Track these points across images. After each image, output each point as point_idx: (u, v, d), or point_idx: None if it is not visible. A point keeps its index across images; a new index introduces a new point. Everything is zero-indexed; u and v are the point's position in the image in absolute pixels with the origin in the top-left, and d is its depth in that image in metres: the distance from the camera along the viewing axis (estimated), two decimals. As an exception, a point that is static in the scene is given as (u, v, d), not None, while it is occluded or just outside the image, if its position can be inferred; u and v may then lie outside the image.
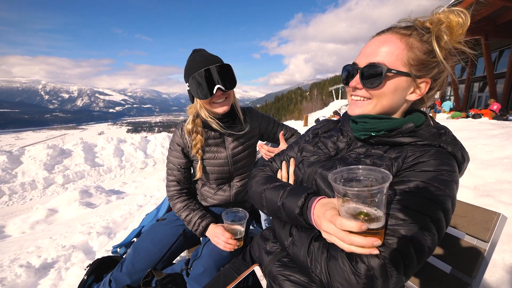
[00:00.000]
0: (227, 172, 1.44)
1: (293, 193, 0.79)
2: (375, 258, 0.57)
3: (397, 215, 0.61)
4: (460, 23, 0.69)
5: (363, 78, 0.75)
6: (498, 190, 2.59)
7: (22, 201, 8.42)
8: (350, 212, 0.56)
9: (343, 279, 0.60)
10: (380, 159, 0.75)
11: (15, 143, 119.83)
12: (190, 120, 1.32)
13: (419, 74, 0.73)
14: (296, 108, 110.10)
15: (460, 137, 0.83)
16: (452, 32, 0.70)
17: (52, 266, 2.45)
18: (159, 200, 4.58)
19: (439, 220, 0.62)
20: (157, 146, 13.67)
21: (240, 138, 1.43)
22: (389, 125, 0.76)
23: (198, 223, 1.36)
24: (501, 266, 1.67)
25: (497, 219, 0.84)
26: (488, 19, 12.74)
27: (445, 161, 0.68)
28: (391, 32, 0.74)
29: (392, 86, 0.74)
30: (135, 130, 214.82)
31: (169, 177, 1.45)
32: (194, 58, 1.26)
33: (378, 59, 0.73)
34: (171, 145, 1.43)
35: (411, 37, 0.72)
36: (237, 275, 0.98)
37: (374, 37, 0.78)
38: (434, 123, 0.81)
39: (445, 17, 0.70)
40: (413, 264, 0.58)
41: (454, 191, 0.66)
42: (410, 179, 0.67)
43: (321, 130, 1.03)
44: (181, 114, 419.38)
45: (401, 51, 0.71)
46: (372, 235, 0.55)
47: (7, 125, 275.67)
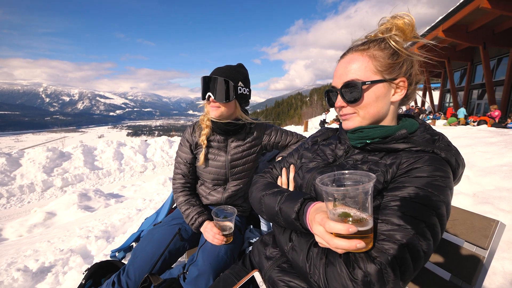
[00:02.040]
0: (223, 175, 1.53)
1: (290, 198, 0.82)
2: (371, 264, 0.58)
3: (392, 221, 0.62)
4: (406, 23, 0.76)
5: (344, 97, 0.81)
6: (497, 197, 2.59)
7: (20, 204, 8.36)
8: (337, 214, 0.58)
9: (340, 285, 0.60)
10: (376, 165, 0.77)
11: (14, 145, 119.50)
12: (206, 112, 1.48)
13: (392, 76, 0.78)
14: (296, 113, 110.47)
15: (458, 144, 0.84)
16: (404, 32, 0.77)
17: (49, 270, 2.42)
18: (159, 204, 4.56)
19: (434, 225, 0.63)
20: (157, 150, 13.65)
21: (242, 146, 1.53)
22: (382, 132, 0.79)
23: (195, 218, 1.44)
24: (501, 274, 1.66)
25: (495, 227, 0.84)
26: (486, 27, 12.91)
27: (439, 167, 0.69)
28: (352, 52, 0.82)
29: (372, 95, 0.78)
30: (135, 134, 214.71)
31: (176, 170, 1.59)
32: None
33: (350, 77, 0.79)
34: (182, 141, 1.58)
35: (371, 49, 0.78)
36: (237, 280, 0.98)
37: (340, 61, 0.85)
38: (429, 130, 0.83)
39: (390, 23, 0.78)
40: (409, 269, 0.59)
41: (448, 196, 0.67)
42: (404, 185, 0.68)
43: (320, 138, 1.06)
44: (181, 118, 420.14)
45: (367, 63, 0.77)
46: (360, 238, 0.56)
47: (7, 127, 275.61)
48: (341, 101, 0.82)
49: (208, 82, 1.33)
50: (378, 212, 0.67)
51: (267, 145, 1.66)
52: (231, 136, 1.50)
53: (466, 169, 3.50)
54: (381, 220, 0.64)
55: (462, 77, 19.48)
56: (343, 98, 0.81)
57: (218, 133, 1.48)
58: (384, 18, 0.80)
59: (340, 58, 0.86)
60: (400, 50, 0.77)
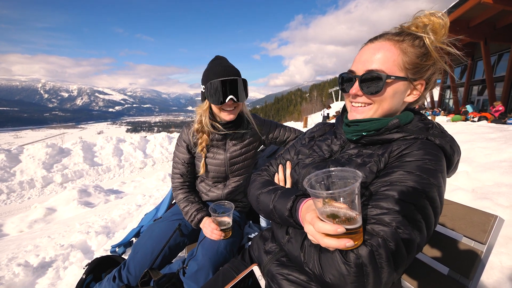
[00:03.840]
0: (223, 172, 1.54)
1: (283, 196, 0.82)
2: (363, 247, 0.58)
3: (381, 205, 0.63)
4: (442, 24, 0.73)
5: (362, 86, 0.77)
6: (496, 193, 2.60)
7: (20, 199, 8.39)
8: (326, 214, 0.58)
9: (334, 269, 0.61)
10: (369, 157, 0.78)
11: (14, 141, 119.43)
12: (197, 120, 1.43)
13: (414, 77, 0.76)
14: (295, 110, 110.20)
15: (458, 140, 0.84)
16: (436, 33, 0.74)
17: (50, 265, 2.44)
18: (158, 200, 4.58)
19: (424, 207, 0.62)
20: (156, 146, 13.66)
21: (240, 143, 1.53)
22: (378, 125, 0.79)
23: (194, 215, 1.46)
24: (499, 269, 1.68)
25: (494, 222, 0.85)
26: (487, 22, 12.80)
27: (429, 151, 0.69)
28: (384, 39, 0.76)
29: (391, 91, 0.76)
30: (135, 130, 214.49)
31: (174, 170, 1.58)
32: (215, 65, 1.35)
33: (375, 66, 0.75)
34: (178, 141, 1.56)
35: (404, 43, 0.74)
36: (236, 274, 0.99)
37: (367, 45, 0.80)
38: (423, 120, 0.82)
39: (428, 20, 0.74)
40: (401, 251, 0.58)
41: (439, 179, 0.66)
42: (394, 170, 0.69)
43: (317, 134, 1.06)
44: (180, 114, 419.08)
45: (396, 57, 0.74)
46: (349, 235, 0.57)
47: (6, 124, 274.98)
48: (358, 89, 0.78)
49: (230, 85, 1.30)
50: (368, 199, 0.67)
51: (265, 141, 1.66)
52: (230, 135, 1.49)
53: (466, 164, 3.51)
54: (371, 206, 0.64)
55: (462, 73, 19.40)
56: (361, 86, 0.77)
57: (217, 132, 1.47)
58: (422, 11, 0.76)
59: (369, 41, 0.80)
60: (432, 52, 0.74)
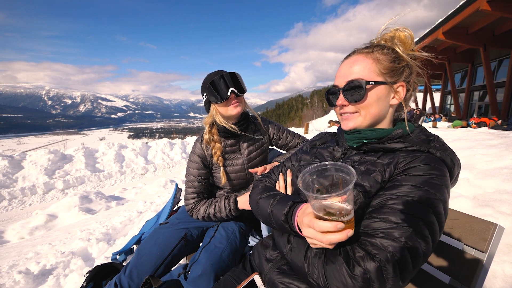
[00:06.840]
0: (244, 177, 1.52)
1: (281, 201, 0.84)
2: (371, 262, 0.59)
3: (390, 219, 0.63)
4: (406, 35, 0.82)
5: (347, 95, 0.83)
6: (497, 200, 2.59)
7: (21, 206, 8.38)
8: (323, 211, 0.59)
9: (340, 282, 0.61)
10: (373, 165, 0.79)
11: (17, 147, 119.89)
12: (207, 131, 1.42)
13: (393, 80, 0.81)
14: (296, 115, 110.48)
15: (458, 146, 0.86)
16: (404, 43, 0.83)
17: (51, 272, 2.43)
18: (159, 206, 4.57)
19: (431, 223, 0.63)
20: (158, 152, 13.68)
21: (254, 143, 1.53)
22: (380, 133, 0.82)
23: (228, 204, 1.41)
24: (501, 277, 1.66)
25: (494, 230, 0.85)
26: (486, 29, 12.90)
27: (435, 166, 0.71)
28: (356, 54, 0.85)
29: (374, 96, 0.80)
30: (136, 136, 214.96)
31: (188, 190, 1.49)
32: (209, 73, 1.41)
33: (354, 76, 0.81)
34: (191, 157, 1.49)
35: (374, 53, 0.82)
36: (237, 283, 0.99)
37: (343, 62, 0.88)
38: (424, 131, 0.86)
39: (393, 34, 0.84)
40: (408, 267, 0.59)
41: (445, 195, 0.68)
42: (401, 184, 0.70)
43: (319, 142, 1.09)
44: (182, 120, 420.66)
45: (371, 65, 0.81)
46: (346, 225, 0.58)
47: (9, 130, 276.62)
48: (344, 100, 0.84)
49: (228, 79, 1.33)
50: (376, 211, 0.68)
51: (272, 140, 1.67)
52: (242, 138, 1.49)
53: (466, 171, 3.49)
54: (379, 219, 0.65)
55: (463, 79, 19.45)
56: (346, 97, 0.83)
57: (228, 137, 1.46)
58: (387, 28, 0.85)
59: (344, 59, 0.89)
60: (402, 55, 0.81)
